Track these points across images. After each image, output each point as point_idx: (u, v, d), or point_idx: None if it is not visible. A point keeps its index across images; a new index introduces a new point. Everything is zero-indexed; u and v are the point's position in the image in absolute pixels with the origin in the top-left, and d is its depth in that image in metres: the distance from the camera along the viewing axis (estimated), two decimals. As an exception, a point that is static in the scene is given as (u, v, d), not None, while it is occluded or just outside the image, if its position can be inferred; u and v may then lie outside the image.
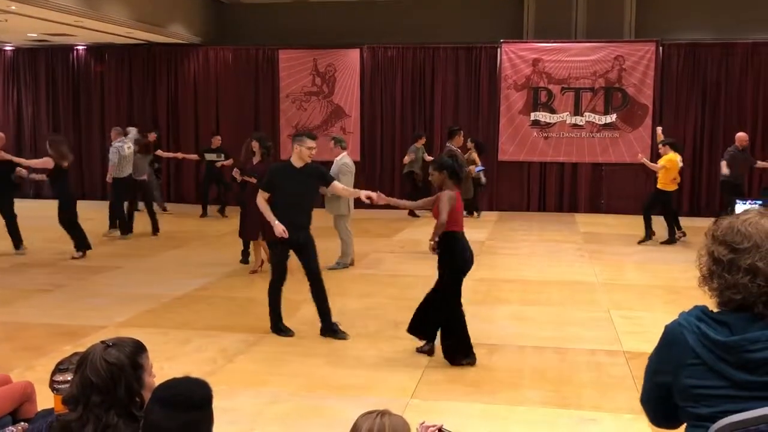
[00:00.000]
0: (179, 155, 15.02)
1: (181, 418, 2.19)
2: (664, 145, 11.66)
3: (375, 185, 13.51)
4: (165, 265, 9.85)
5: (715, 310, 1.90)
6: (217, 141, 14.58)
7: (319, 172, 6.68)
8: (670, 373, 1.89)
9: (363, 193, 6.48)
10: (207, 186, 14.52)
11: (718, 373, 1.80)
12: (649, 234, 11.63)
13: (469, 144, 13.79)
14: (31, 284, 8.66)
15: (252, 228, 9.01)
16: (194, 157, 14.69)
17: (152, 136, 14.42)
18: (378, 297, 8.12)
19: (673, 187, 11.44)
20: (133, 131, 13.58)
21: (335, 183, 6.81)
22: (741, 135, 12.48)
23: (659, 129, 12.84)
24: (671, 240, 11.48)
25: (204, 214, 14.25)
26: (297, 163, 6.49)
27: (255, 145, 9.31)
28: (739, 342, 1.78)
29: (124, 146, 12.03)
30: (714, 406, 1.80)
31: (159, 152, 14.60)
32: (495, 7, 15.66)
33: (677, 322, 1.91)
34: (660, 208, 11.61)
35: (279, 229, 6.34)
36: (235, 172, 9.31)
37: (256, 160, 9.23)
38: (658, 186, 11.48)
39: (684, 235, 11.71)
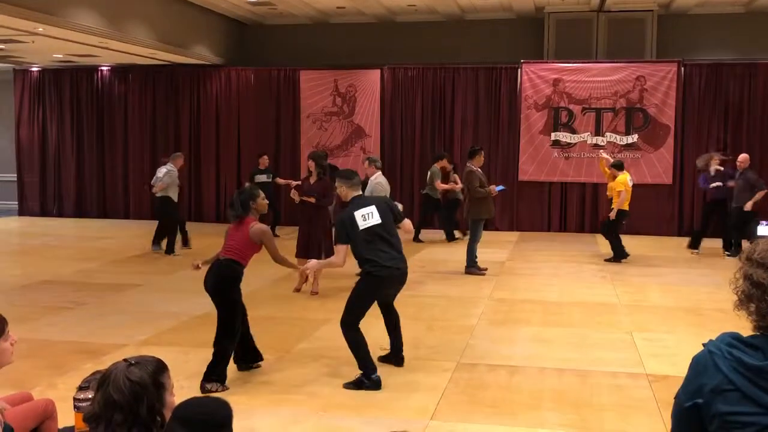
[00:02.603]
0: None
1: None
2: (611, 168, 11.94)
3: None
4: (186, 284, 9.87)
5: (748, 334, 1.86)
6: (264, 161, 14.03)
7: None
8: (701, 398, 1.84)
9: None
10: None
11: (752, 399, 1.76)
12: (622, 251, 11.77)
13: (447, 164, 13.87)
14: (52, 301, 8.73)
15: (313, 247, 9.00)
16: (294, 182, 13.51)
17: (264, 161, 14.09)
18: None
19: (626, 207, 11.73)
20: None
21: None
22: (740, 156, 12.55)
23: (603, 153, 13.26)
24: (620, 257, 11.70)
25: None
26: None
27: (311, 164, 9.35)
28: None
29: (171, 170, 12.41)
30: None
31: (278, 180, 14.19)
32: (515, 28, 15.71)
33: (707, 350, 1.86)
34: (618, 228, 11.84)
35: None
36: (293, 194, 9.25)
37: (313, 179, 9.27)
38: (620, 208, 11.66)
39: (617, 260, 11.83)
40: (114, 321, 7.81)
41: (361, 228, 5.76)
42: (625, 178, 11.69)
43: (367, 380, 5.73)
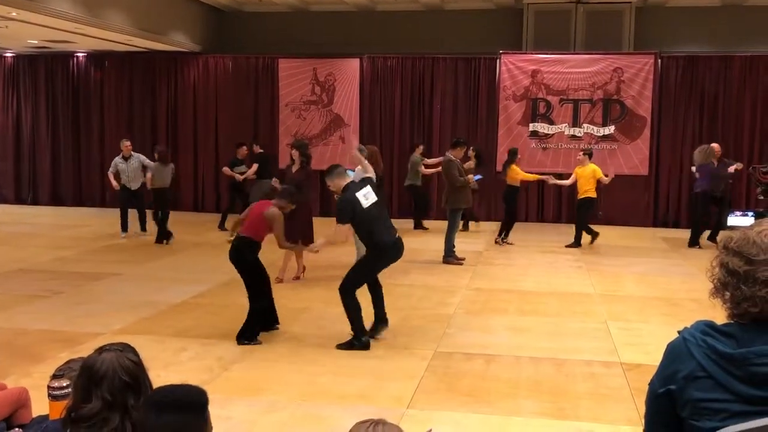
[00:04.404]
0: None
1: (175, 421, 2.17)
2: (585, 155, 12.30)
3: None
4: (163, 273, 9.83)
5: (723, 322, 1.88)
6: (243, 152, 13.93)
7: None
8: (674, 385, 1.86)
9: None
10: (233, 197, 13.81)
11: (724, 386, 1.78)
12: (595, 236, 12.24)
13: (470, 152, 13.86)
14: (28, 290, 8.64)
15: (293, 235, 8.90)
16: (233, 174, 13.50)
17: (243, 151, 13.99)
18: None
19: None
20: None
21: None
22: (714, 146, 12.67)
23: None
24: (577, 244, 12.22)
25: (223, 226, 13.36)
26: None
27: (295, 153, 9.28)
28: (746, 355, 1.77)
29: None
30: (718, 420, 1.78)
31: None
32: (494, 19, 15.73)
33: (682, 337, 1.88)
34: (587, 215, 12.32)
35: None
36: (275, 182, 9.21)
37: (295, 168, 9.19)
38: (591, 195, 12.10)
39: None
40: (90, 310, 7.75)
41: (365, 207, 6.35)
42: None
43: (358, 342, 6.35)
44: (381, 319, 6.79)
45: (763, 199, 12.71)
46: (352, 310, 6.40)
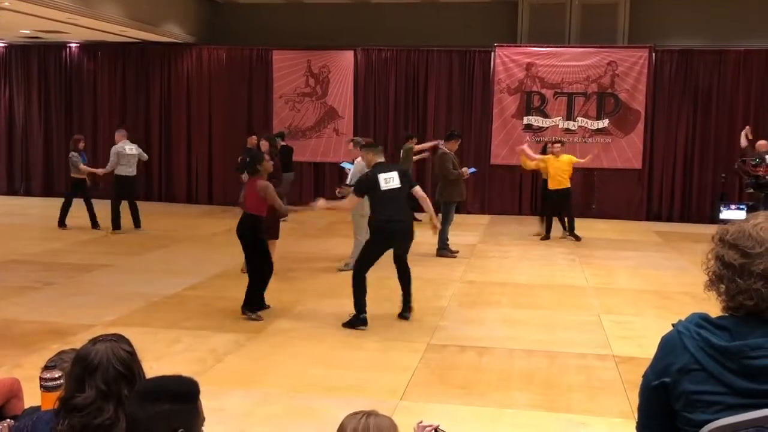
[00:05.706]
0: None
1: (166, 411, 2.14)
2: (562, 145, 12.34)
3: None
4: (156, 265, 9.81)
5: (718, 314, 1.88)
6: (253, 140, 13.83)
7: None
8: (668, 377, 1.86)
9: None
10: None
11: (718, 379, 1.78)
12: (548, 233, 12.32)
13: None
14: (20, 281, 8.61)
15: (268, 226, 8.85)
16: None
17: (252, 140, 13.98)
18: (368, 299, 8.08)
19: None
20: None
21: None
22: (762, 143, 12.76)
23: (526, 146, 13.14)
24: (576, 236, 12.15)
25: None
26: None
27: (264, 144, 9.68)
28: (741, 348, 1.76)
29: (125, 147, 12.37)
30: (712, 412, 1.78)
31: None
32: (489, 11, 15.70)
33: (676, 330, 1.88)
34: (565, 207, 12.35)
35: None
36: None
37: None
38: (567, 185, 12.07)
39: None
40: (82, 301, 7.73)
41: (382, 189, 6.83)
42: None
43: (356, 319, 6.85)
44: (405, 307, 7.25)
45: (753, 192, 12.75)
46: (357, 290, 6.91)
